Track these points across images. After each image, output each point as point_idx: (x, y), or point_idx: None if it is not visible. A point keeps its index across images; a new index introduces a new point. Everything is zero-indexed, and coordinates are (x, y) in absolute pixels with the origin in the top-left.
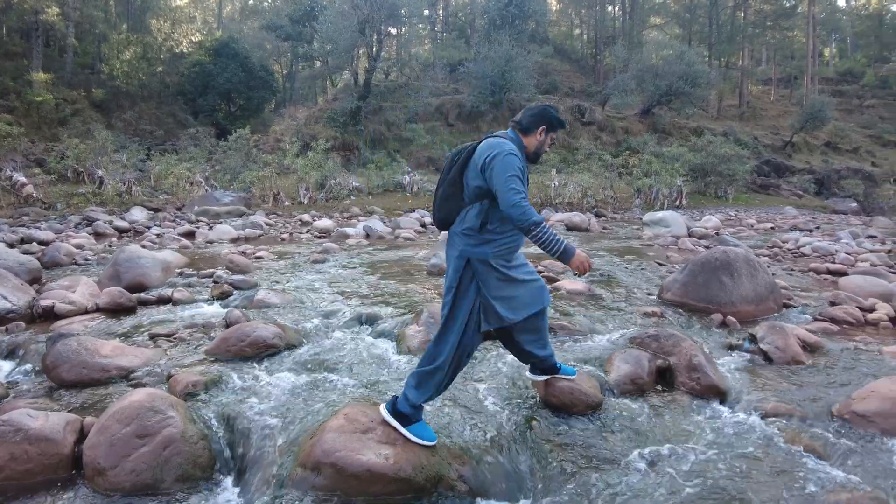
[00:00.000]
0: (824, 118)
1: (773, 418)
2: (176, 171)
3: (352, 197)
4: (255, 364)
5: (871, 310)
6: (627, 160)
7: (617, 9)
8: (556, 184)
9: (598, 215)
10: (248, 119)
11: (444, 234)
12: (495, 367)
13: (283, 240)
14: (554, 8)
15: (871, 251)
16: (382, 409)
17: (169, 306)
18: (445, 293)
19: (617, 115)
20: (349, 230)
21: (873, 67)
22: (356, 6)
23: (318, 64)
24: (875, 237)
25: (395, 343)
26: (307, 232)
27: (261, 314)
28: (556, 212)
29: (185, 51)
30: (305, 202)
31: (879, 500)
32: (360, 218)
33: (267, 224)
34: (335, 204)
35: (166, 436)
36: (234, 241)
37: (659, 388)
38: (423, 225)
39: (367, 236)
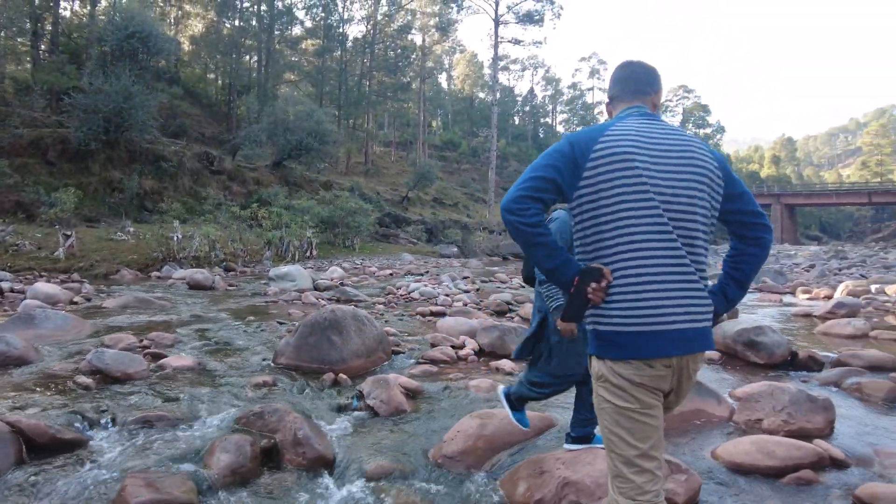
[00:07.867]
0: (432, 178)
1: (377, 480)
2: None
3: None
4: None
5: (462, 346)
6: (257, 212)
7: (253, 60)
8: (180, 236)
9: (227, 269)
10: None
11: None
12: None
13: None
14: (186, 48)
15: (464, 291)
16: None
17: None
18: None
19: (248, 165)
20: None
21: (467, 139)
22: None
23: None
24: (468, 277)
25: None
26: None
27: None
28: (180, 268)
29: None
30: None
31: None
32: None
33: None
34: None
35: None
36: None
37: (266, 470)
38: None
39: None
